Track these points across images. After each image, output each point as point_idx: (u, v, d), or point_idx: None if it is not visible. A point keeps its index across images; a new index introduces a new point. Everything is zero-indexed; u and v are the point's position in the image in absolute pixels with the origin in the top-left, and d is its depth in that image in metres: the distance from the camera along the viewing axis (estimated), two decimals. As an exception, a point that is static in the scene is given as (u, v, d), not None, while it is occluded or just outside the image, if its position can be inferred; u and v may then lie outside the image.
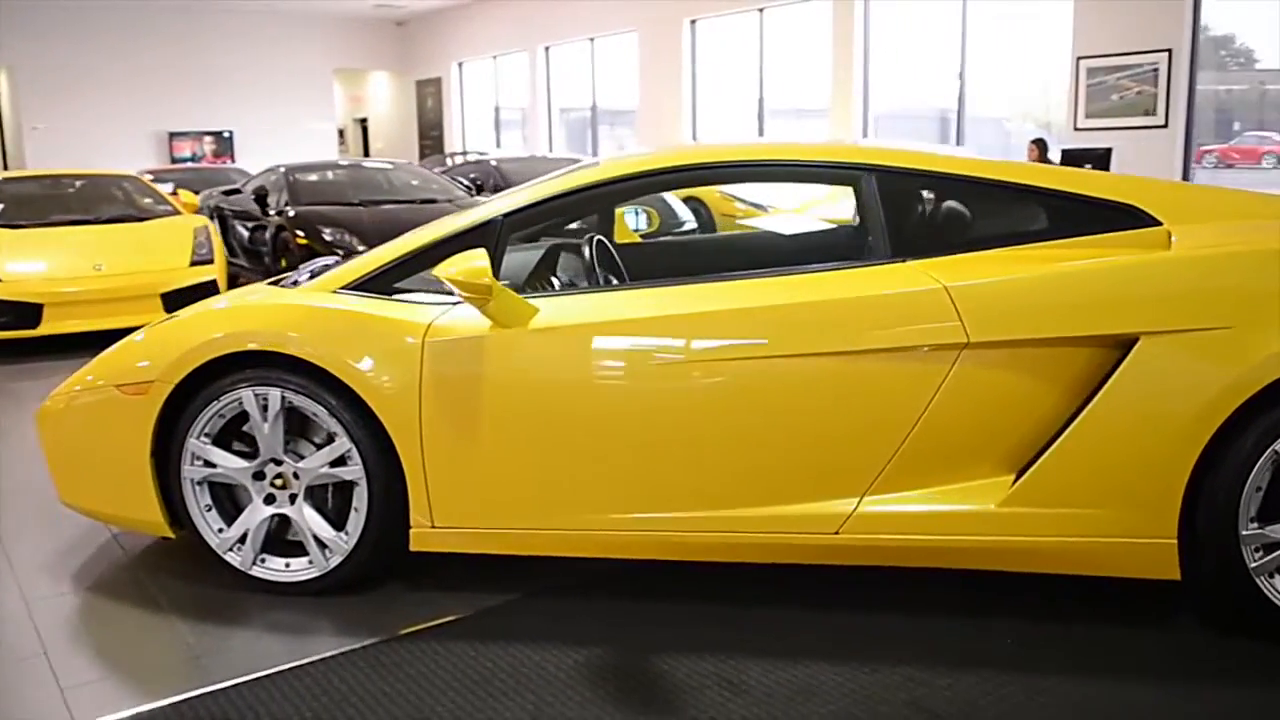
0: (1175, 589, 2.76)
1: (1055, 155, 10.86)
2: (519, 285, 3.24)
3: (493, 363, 2.79)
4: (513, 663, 2.62)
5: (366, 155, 25.01)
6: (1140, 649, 2.62)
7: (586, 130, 20.51)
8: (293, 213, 8.77)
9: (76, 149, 17.99)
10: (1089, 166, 9.33)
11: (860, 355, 2.66)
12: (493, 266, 2.76)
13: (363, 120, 25.84)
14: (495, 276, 2.75)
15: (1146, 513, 2.60)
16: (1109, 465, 2.60)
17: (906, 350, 2.65)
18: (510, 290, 2.82)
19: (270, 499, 3.01)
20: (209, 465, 3.00)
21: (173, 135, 20.53)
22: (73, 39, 19.30)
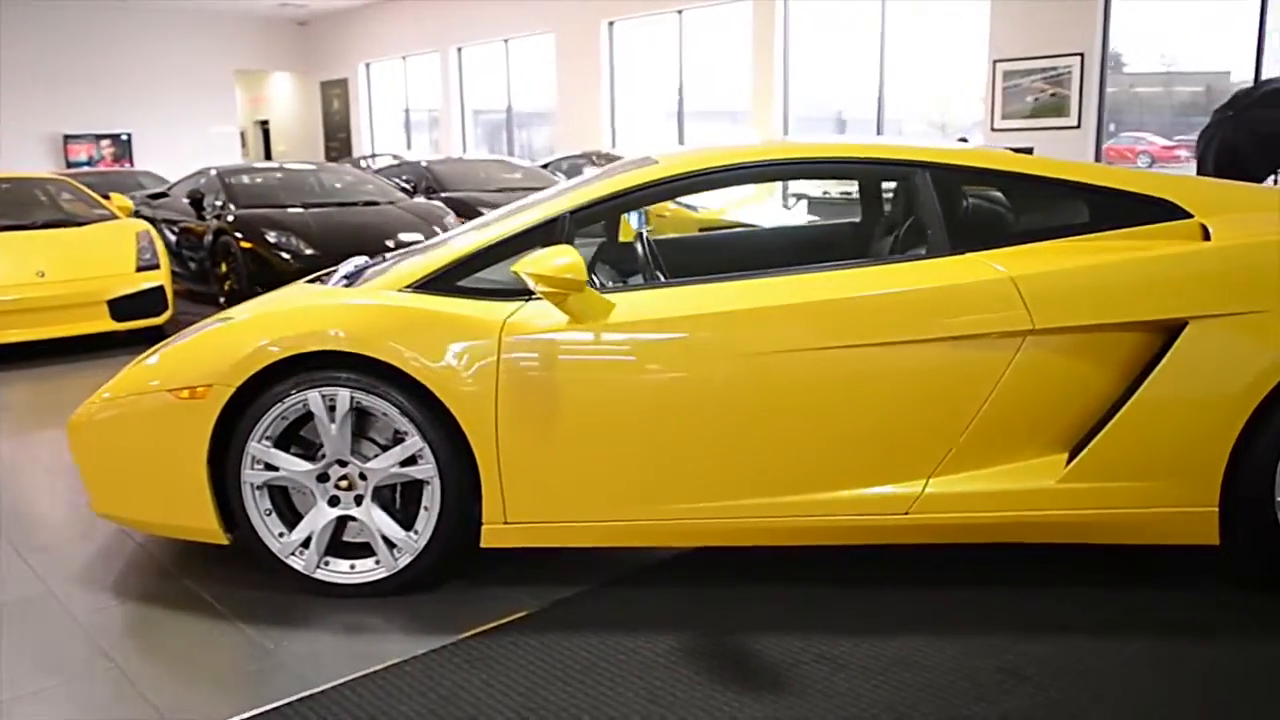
0: (1196, 555, 2.97)
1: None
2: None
3: (575, 357, 2.83)
4: (607, 650, 2.66)
5: (268, 158, 24.39)
6: (1186, 610, 2.81)
7: (501, 132, 20.43)
8: (232, 217, 8.56)
9: (-41, 152, 17.15)
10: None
11: (933, 343, 2.79)
12: None
13: (264, 122, 25.20)
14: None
15: (1192, 484, 2.79)
16: (1159, 441, 2.78)
17: (976, 338, 2.78)
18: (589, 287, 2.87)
19: (334, 501, 2.99)
20: (270, 469, 2.96)
21: (68, 138, 19.69)
22: (-44, 37, 18.39)
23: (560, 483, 2.90)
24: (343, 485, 2.98)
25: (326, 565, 3.01)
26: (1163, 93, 12.75)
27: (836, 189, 10.94)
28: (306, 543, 2.99)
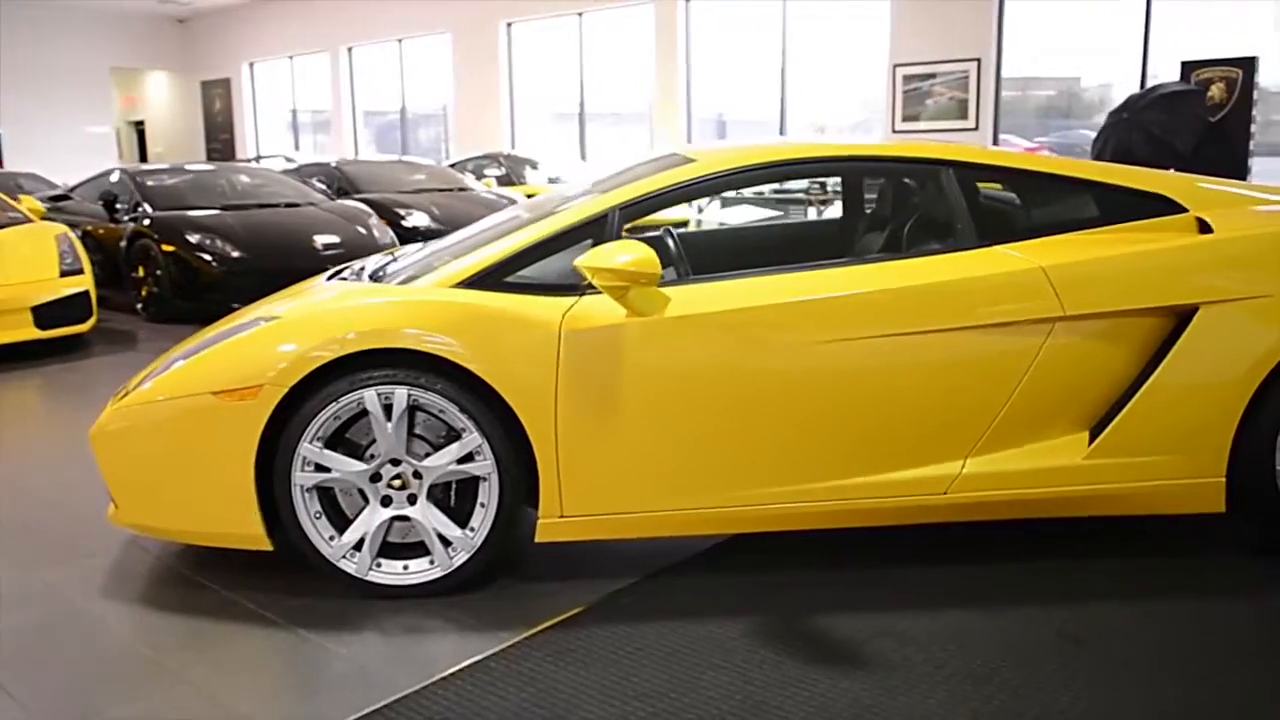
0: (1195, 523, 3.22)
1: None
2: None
3: (633, 351, 2.89)
4: (681, 636, 2.73)
5: (143, 160, 23.40)
6: (1208, 575, 3.05)
7: (394, 133, 20.13)
8: (149, 220, 8.26)
9: None
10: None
11: (973, 330, 2.95)
12: None
13: (138, 123, 24.16)
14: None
15: (1203, 456, 3.03)
16: (1174, 418, 3.00)
17: (1012, 325, 2.96)
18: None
19: (387, 500, 2.97)
20: (320, 470, 2.93)
21: (-71, 138, 18.54)
22: None
23: (617, 475, 2.95)
24: (395, 485, 2.96)
25: (378, 567, 2.98)
26: (1021, 96, 13.43)
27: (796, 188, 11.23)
28: (357, 545, 2.97)
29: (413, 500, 2.97)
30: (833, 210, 10.80)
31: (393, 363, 2.88)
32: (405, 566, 2.99)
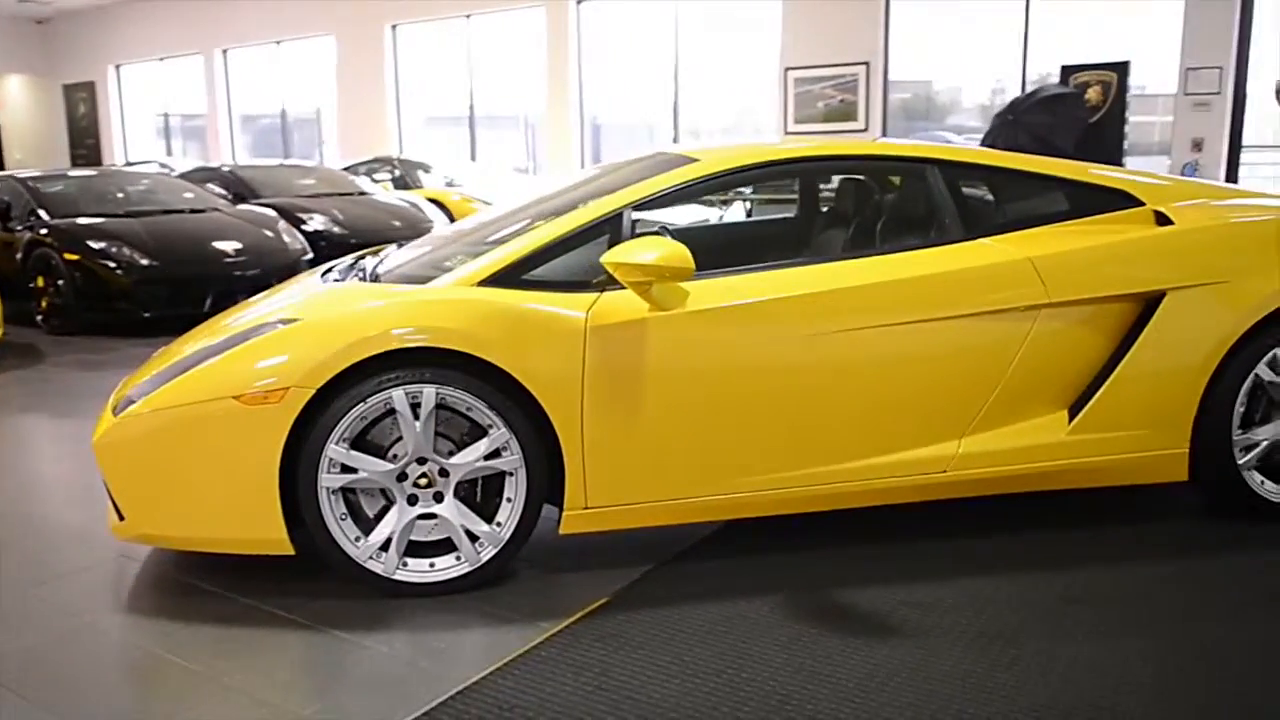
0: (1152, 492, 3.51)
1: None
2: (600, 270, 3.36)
3: (656, 344, 2.98)
4: (714, 616, 2.83)
5: (0, 167, 22.12)
6: (1172, 538, 3.33)
7: (272, 137, 19.59)
8: (46, 229, 7.90)
9: None
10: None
11: (970, 318, 3.15)
12: None
13: (-9, 127, 22.80)
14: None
15: (1171, 430, 3.31)
16: (1146, 394, 3.27)
17: (1004, 311, 3.17)
18: None
19: (412, 499, 2.98)
20: (347, 471, 2.92)
21: None
22: None
23: (639, 465, 3.04)
24: (422, 483, 2.98)
25: (405, 566, 2.99)
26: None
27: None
28: (383, 545, 2.97)
29: (439, 498, 2.99)
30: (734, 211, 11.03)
31: (419, 362, 2.90)
32: (432, 564, 3.01)
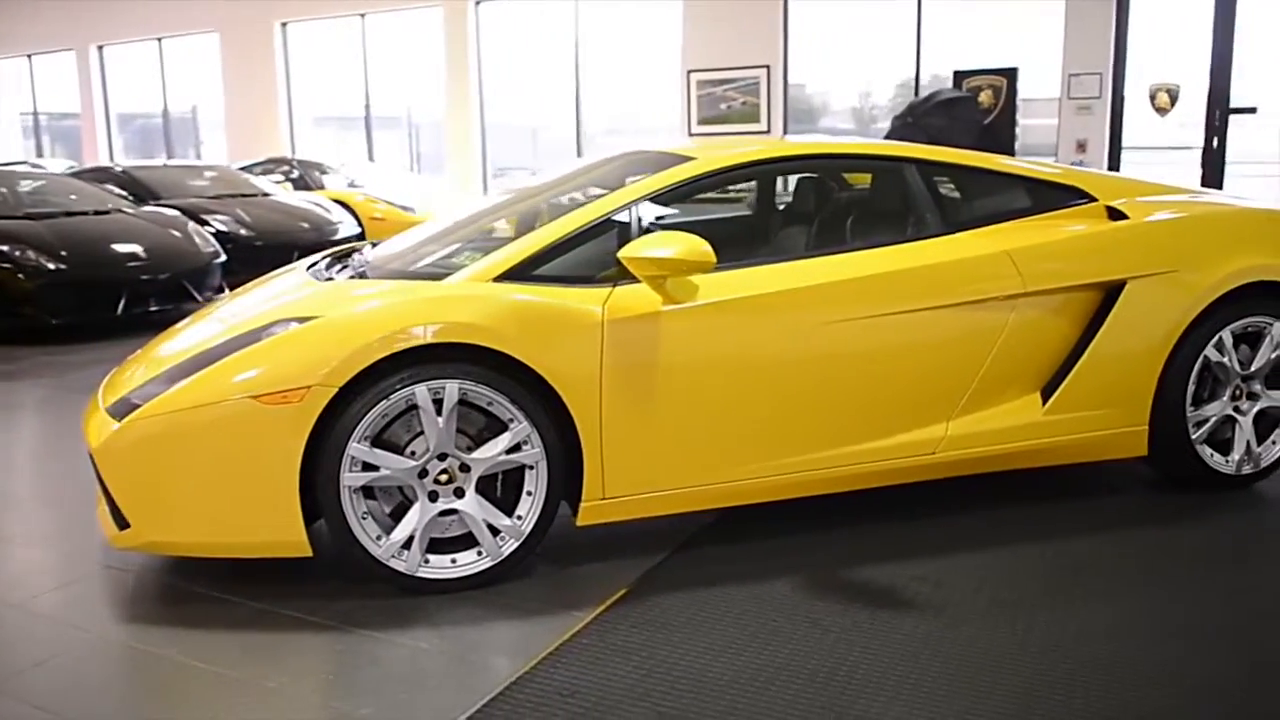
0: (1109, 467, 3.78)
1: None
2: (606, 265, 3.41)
3: (671, 336, 3.06)
4: (735, 598, 2.94)
5: None
6: (1142, 508, 3.60)
7: (153, 137, 18.87)
8: (-59, 232, 7.48)
9: None
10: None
11: (956, 307, 3.34)
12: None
13: None
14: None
15: (1132, 408, 3.57)
16: (1111, 376, 3.52)
17: (987, 301, 3.37)
18: None
19: (434, 496, 2.99)
20: (369, 469, 2.91)
21: None
22: None
23: (656, 455, 3.12)
24: (442, 479, 2.99)
25: (426, 563, 3.00)
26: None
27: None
28: (405, 543, 2.97)
29: (460, 494, 3.01)
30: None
31: (440, 357, 2.92)
32: (453, 560, 3.02)
